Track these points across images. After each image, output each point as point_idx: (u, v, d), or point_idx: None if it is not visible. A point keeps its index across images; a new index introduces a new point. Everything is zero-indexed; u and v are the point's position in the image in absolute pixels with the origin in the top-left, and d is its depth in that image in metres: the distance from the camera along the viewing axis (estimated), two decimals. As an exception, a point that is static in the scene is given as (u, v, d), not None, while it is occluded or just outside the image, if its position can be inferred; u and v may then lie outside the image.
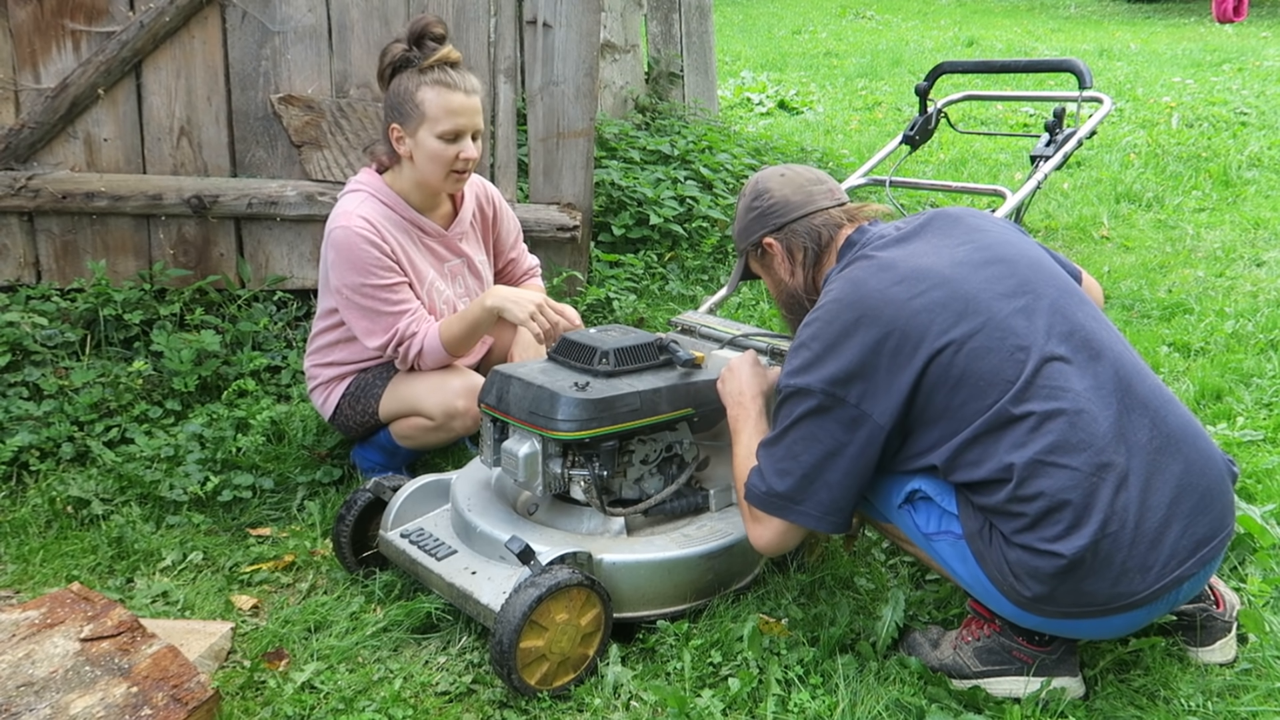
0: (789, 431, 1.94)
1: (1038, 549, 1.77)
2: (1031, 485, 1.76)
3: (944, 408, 1.85)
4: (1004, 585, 1.83)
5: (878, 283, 1.93)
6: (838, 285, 2.00)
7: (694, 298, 4.09)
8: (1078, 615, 1.82)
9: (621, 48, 5.52)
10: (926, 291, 1.89)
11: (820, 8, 16.54)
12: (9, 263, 3.49)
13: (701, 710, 1.94)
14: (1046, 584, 1.78)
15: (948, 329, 1.85)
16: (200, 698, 1.86)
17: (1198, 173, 6.28)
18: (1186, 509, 1.80)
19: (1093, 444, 1.77)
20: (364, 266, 2.62)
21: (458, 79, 2.61)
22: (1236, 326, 3.87)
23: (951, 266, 1.93)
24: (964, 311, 1.86)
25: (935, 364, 1.84)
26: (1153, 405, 1.85)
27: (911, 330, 1.86)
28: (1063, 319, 1.88)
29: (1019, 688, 1.99)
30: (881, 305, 1.90)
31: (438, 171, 2.65)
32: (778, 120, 8.32)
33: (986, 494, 1.83)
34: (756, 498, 1.98)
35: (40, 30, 3.38)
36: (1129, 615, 1.81)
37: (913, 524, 1.97)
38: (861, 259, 2.03)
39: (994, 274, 1.92)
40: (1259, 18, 13.60)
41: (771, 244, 2.19)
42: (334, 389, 2.84)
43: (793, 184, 2.20)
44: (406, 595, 2.37)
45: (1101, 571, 1.75)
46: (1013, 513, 1.79)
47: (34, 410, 3.03)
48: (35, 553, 2.59)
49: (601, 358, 2.30)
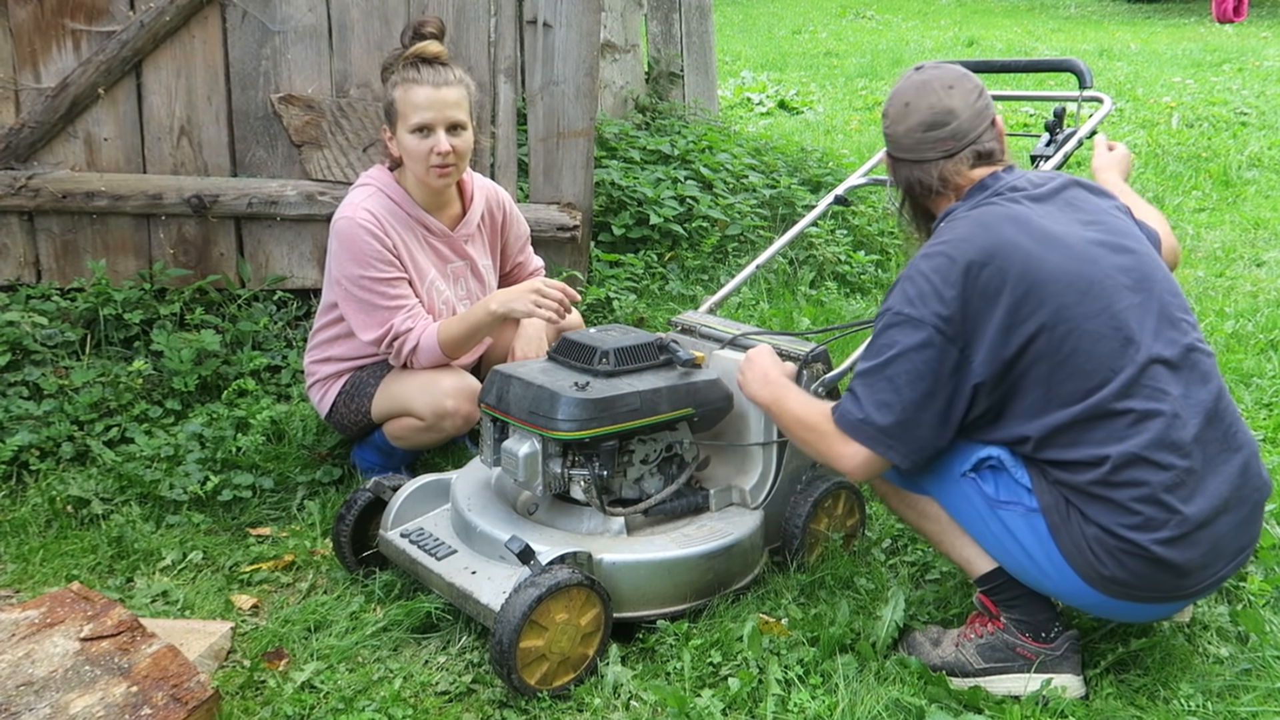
0: (892, 363, 1.90)
1: (1119, 534, 1.82)
2: (1123, 475, 1.81)
3: (1044, 380, 1.86)
4: (1079, 560, 1.86)
5: (1010, 233, 1.91)
6: (966, 224, 1.96)
7: (694, 298, 4.09)
8: (1140, 599, 1.87)
9: (621, 48, 5.52)
10: (1056, 259, 1.89)
11: (820, 8, 16.54)
12: (9, 262, 3.49)
13: (701, 710, 1.94)
14: (1125, 567, 1.83)
15: (1069, 303, 1.86)
16: (200, 697, 1.86)
17: (1198, 173, 6.28)
18: (1239, 519, 1.89)
19: (1182, 447, 1.83)
20: (363, 258, 2.62)
21: (427, 74, 2.62)
22: (1236, 326, 3.87)
23: (1082, 244, 1.93)
24: (1087, 291, 1.87)
25: (1048, 333, 1.85)
26: (1226, 419, 1.92)
27: (1034, 291, 1.86)
28: (1169, 324, 1.91)
29: (1021, 685, 1.99)
30: (1011, 256, 1.88)
31: (420, 168, 2.67)
32: (778, 120, 8.32)
33: (1071, 473, 1.86)
34: (851, 424, 1.95)
35: (40, 30, 3.38)
36: (1177, 604, 1.92)
37: (975, 492, 1.95)
38: (993, 204, 1.99)
39: (1119, 263, 1.93)
40: (1259, 18, 13.60)
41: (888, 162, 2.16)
42: (330, 387, 2.84)
43: (905, 124, 2.06)
44: (406, 595, 2.37)
45: (1175, 564, 1.82)
46: (1097, 495, 1.84)
47: (34, 410, 3.03)
48: (35, 552, 2.59)
49: (601, 358, 2.30)
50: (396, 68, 2.65)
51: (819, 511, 2.44)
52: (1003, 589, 2.03)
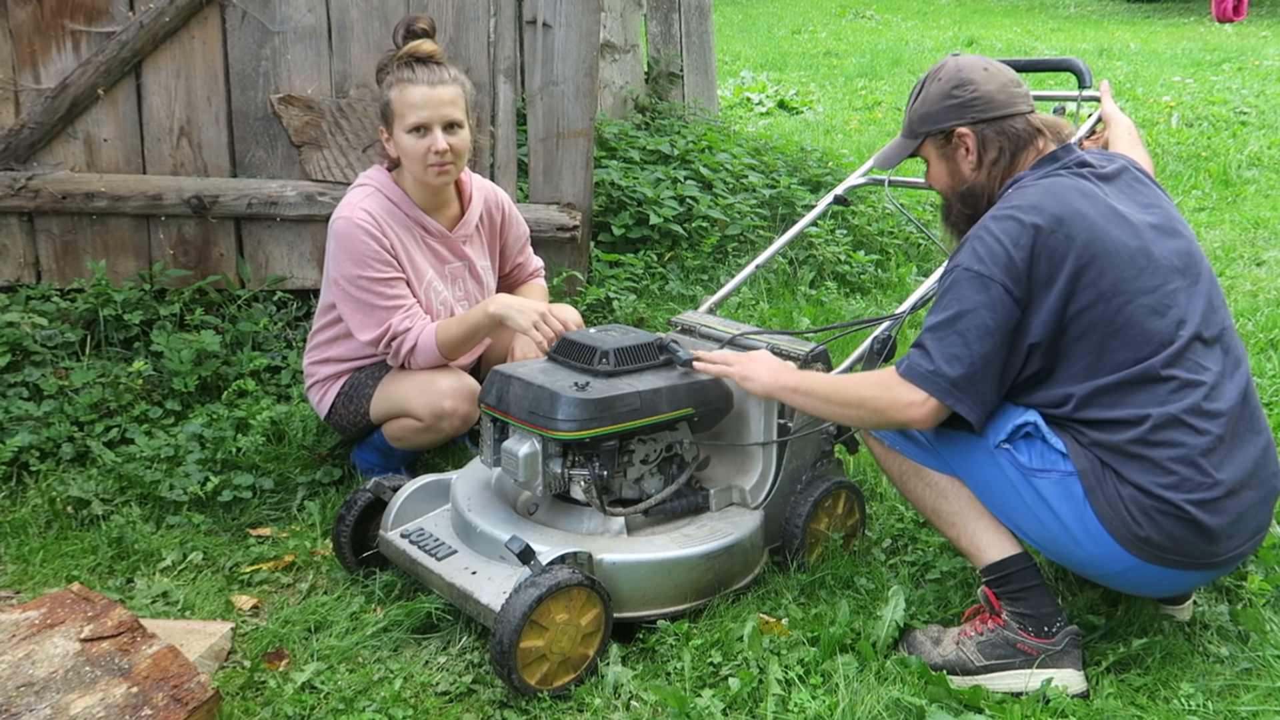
0: (962, 317, 1.94)
1: (1155, 494, 1.88)
2: (1162, 435, 1.88)
3: (1096, 347, 1.93)
4: (1115, 521, 1.90)
5: (1081, 204, 1.98)
6: (1036, 191, 2.02)
7: (694, 298, 4.09)
8: (1170, 563, 1.91)
9: (621, 48, 5.52)
10: (1119, 235, 1.97)
11: (820, 8, 16.54)
12: (9, 263, 3.49)
13: (701, 710, 1.94)
14: (1160, 528, 1.88)
15: (1127, 277, 1.94)
16: (200, 698, 1.86)
17: (1197, 172, 6.28)
18: (1259, 498, 1.98)
19: (1218, 416, 1.92)
20: (361, 258, 2.62)
21: (421, 73, 2.63)
22: (1236, 326, 3.87)
23: (1143, 225, 2.01)
24: (1145, 268, 1.96)
25: (1104, 303, 1.93)
26: (1253, 401, 2.03)
27: (1096, 261, 1.93)
28: (1210, 306, 2.02)
29: (1022, 682, 1.99)
30: (1078, 225, 1.95)
31: (417, 167, 2.67)
32: (777, 120, 8.32)
33: (1109, 432, 1.92)
34: (922, 375, 1.96)
35: (40, 30, 3.38)
36: (1202, 574, 1.97)
37: (1009, 463, 1.97)
38: (1063, 175, 2.06)
39: (1173, 247, 2.02)
40: (1259, 17, 13.60)
41: (966, 134, 2.15)
42: (329, 387, 2.84)
43: (996, 81, 2.16)
44: (406, 595, 2.37)
45: (1207, 528, 1.88)
46: (1135, 455, 1.89)
47: (34, 410, 3.03)
48: (35, 553, 2.59)
49: (601, 358, 2.30)
50: (391, 68, 2.65)
51: (819, 511, 2.44)
52: (1009, 580, 2.03)
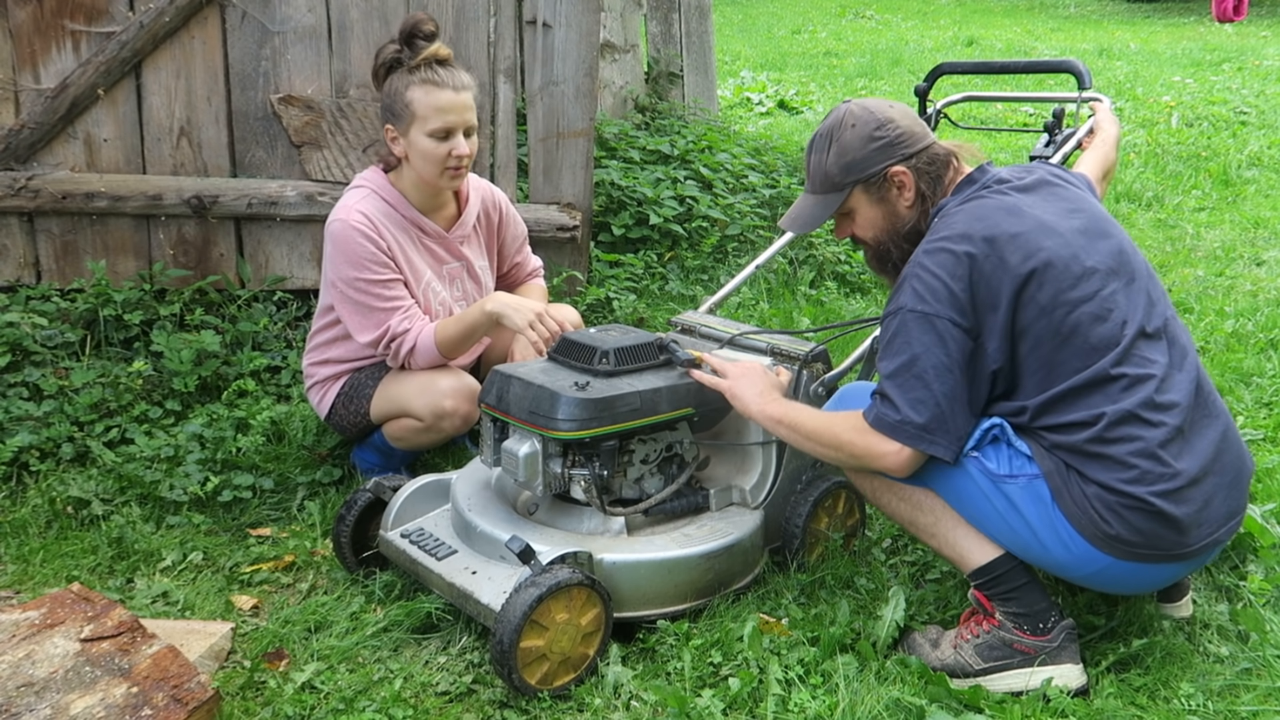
0: (918, 361, 1.94)
1: (1118, 489, 1.88)
2: (1118, 431, 1.89)
3: (1046, 362, 1.94)
4: (1083, 521, 1.90)
5: (1009, 224, 1.97)
6: (962, 217, 2.01)
7: (694, 298, 4.09)
8: (1144, 558, 1.91)
9: (621, 48, 5.52)
10: (1051, 245, 1.96)
11: (820, 8, 16.54)
12: (9, 263, 3.49)
13: (701, 710, 1.94)
14: (1128, 523, 1.88)
15: (1065, 288, 1.93)
16: (200, 698, 1.86)
17: (1197, 172, 6.28)
18: (1225, 483, 1.97)
19: (1170, 408, 1.92)
20: (358, 261, 2.62)
21: (446, 76, 2.62)
22: (1236, 326, 3.87)
23: (1071, 232, 2.00)
24: (1082, 275, 1.95)
25: (1047, 317, 1.93)
26: (1205, 388, 2.02)
27: (1035, 276, 1.93)
28: (1150, 301, 2.01)
29: (1022, 681, 1.99)
30: (1010, 245, 1.94)
31: (432, 170, 2.66)
32: (777, 120, 8.32)
33: (1067, 434, 1.92)
34: (890, 426, 1.96)
35: (40, 30, 3.38)
36: (1179, 565, 1.96)
37: (978, 471, 1.97)
38: (985, 196, 2.06)
39: (1105, 249, 2.02)
40: (1259, 17, 13.60)
41: (902, 173, 2.12)
42: (329, 388, 2.84)
43: (908, 115, 2.16)
44: (406, 595, 2.37)
45: (1174, 518, 1.89)
46: (1094, 454, 1.90)
47: (34, 410, 3.03)
48: (35, 553, 2.59)
49: (601, 357, 2.30)
50: (407, 66, 2.62)
51: (819, 511, 2.44)
52: (998, 582, 2.03)
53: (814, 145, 2.18)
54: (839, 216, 2.21)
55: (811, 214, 2.20)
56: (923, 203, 2.14)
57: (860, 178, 2.13)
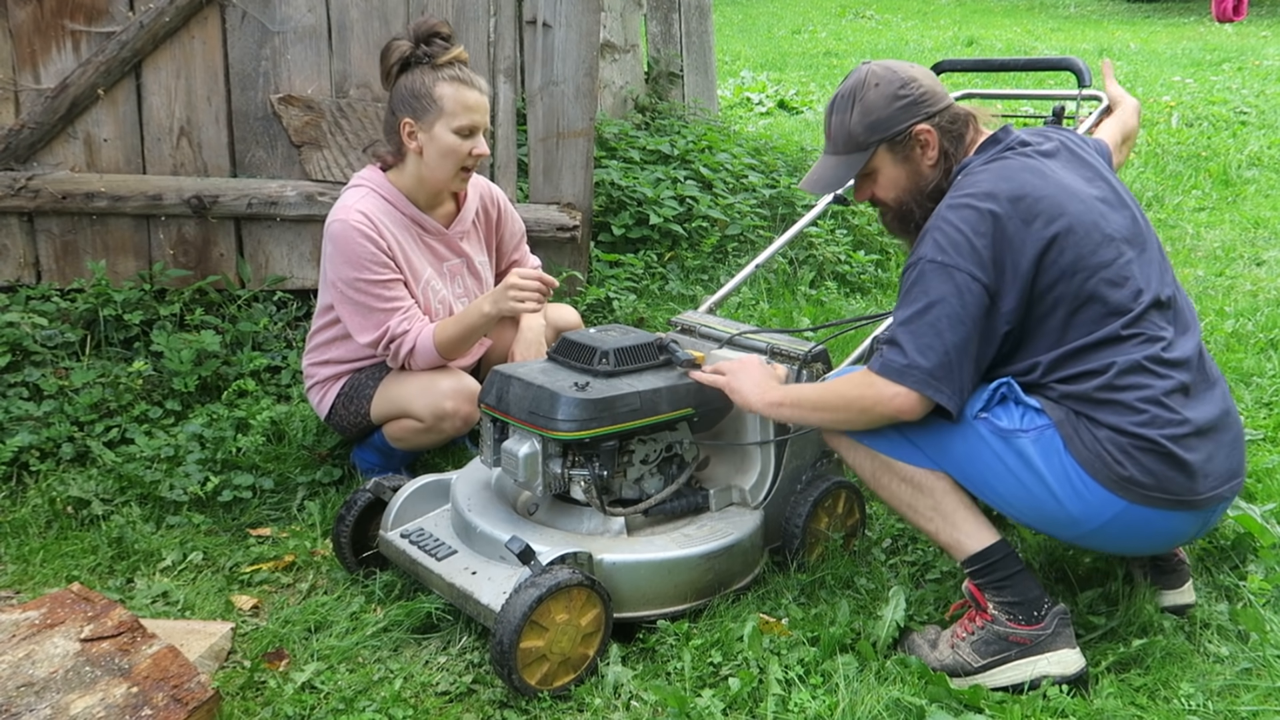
0: (931, 309, 1.95)
1: (1130, 431, 1.91)
2: (1127, 379, 1.93)
3: (1062, 324, 1.97)
4: (1097, 465, 1.92)
5: (1035, 186, 1.99)
6: (988, 176, 2.02)
7: (694, 298, 4.09)
8: (1156, 503, 1.92)
9: (621, 48, 5.52)
10: (1076, 210, 1.98)
11: (820, 7, 16.54)
12: (9, 263, 3.49)
13: (701, 710, 1.94)
14: (1141, 465, 1.91)
15: (1085, 253, 1.96)
16: (200, 698, 1.86)
17: (1197, 172, 6.28)
18: (1227, 441, 2.01)
19: (1181, 365, 1.97)
20: (359, 261, 2.62)
21: (472, 77, 2.66)
22: (1236, 326, 3.87)
23: (1091, 199, 2.03)
24: (1102, 242, 1.98)
25: (1067, 280, 1.95)
26: (1205, 356, 2.08)
27: (1058, 239, 1.95)
28: (1159, 272, 2.05)
29: (1023, 673, 1.99)
30: (1035, 206, 1.96)
31: (449, 166, 2.67)
32: (778, 120, 8.32)
33: (1076, 383, 1.95)
34: (897, 370, 1.96)
35: (40, 30, 3.38)
36: (1185, 516, 1.96)
37: (989, 430, 1.98)
38: (1010, 157, 2.06)
39: (1122, 219, 2.05)
40: (1259, 17, 13.60)
41: (927, 131, 2.11)
42: (329, 389, 2.84)
43: (929, 75, 2.15)
44: (406, 595, 2.37)
45: (1185, 462, 1.92)
46: (1103, 400, 1.93)
47: (34, 410, 3.03)
48: (35, 553, 2.59)
49: (601, 358, 2.30)
50: (432, 64, 2.62)
51: (819, 511, 2.44)
52: (992, 569, 2.03)
53: (835, 105, 2.17)
54: (860, 178, 2.20)
55: (834, 175, 2.19)
56: (945, 161, 2.14)
57: (885, 136, 2.12)
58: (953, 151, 2.14)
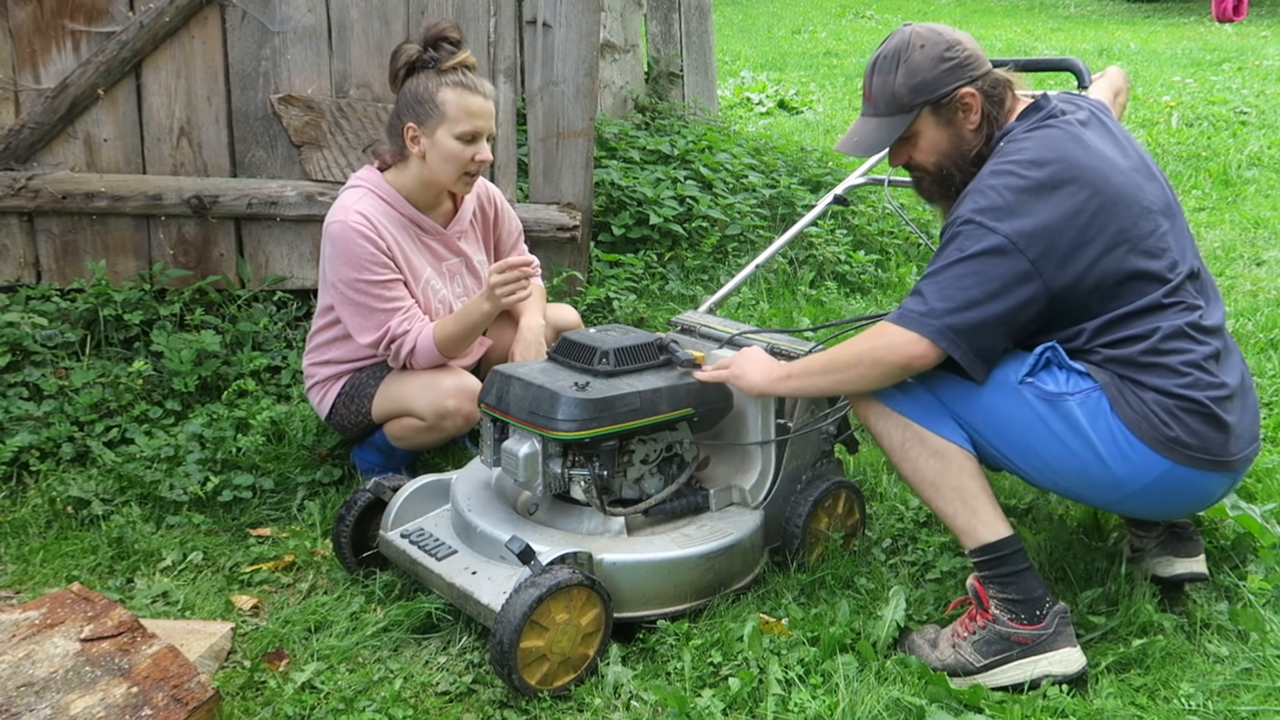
0: (959, 264, 1.95)
1: (1175, 393, 1.95)
2: (1170, 344, 1.96)
3: (1108, 293, 1.98)
4: (1144, 426, 1.95)
5: (1080, 156, 2.00)
6: (1033, 145, 2.02)
7: (694, 298, 4.09)
8: (1196, 463, 1.96)
9: (621, 48, 5.52)
10: (1119, 181, 2.00)
11: (820, 8, 16.54)
12: (9, 263, 3.49)
13: (701, 710, 1.94)
14: (1186, 425, 1.94)
15: (1127, 225, 1.98)
16: (200, 698, 1.86)
17: (1197, 172, 6.28)
18: (1249, 405, 2.08)
19: (1215, 332, 2.03)
20: (358, 262, 2.62)
21: (477, 82, 2.65)
22: (1236, 326, 3.87)
23: (1128, 170, 2.04)
24: (1141, 214, 2.01)
25: (1111, 253, 1.97)
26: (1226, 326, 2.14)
27: (1102, 211, 1.97)
28: (1191, 244, 2.10)
29: (1024, 672, 1.99)
30: (1081, 177, 1.97)
31: (451, 172, 2.67)
32: (778, 120, 8.32)
33: (1121, 348, 1.98)
34: (913, 317, 1.95)
35: (40, 30, 3.38)
36: (1219, 477, 2.01)
37: (1035, 395, 1.98)
38: (1054, 126, 2.06)
39: (1155, 190, 2.07)
40: (1259, 17, 13.60)
41: (971, 94, 2.10)
42: (330, 388, 2.84)
43: (971, 38, 2.14)
44: (406, 595, 2.37)
45: (1225, 422, 1.97)
46: (1148, 364, 1.96)
47: (34, 410, 3.03)
48: (35, 553, 2.59)
49: (601, 358, 2.30)
50: (438, 68, 2.62)
51: (819, 511, 2.44)
52: (1002, 562, 2.03)
53: (877, 66, 2.13)
54: (899, 141, 2.15)
55: (876, 137, 2.14)
56: (987, 126, 2.13)
57: (930, 99, 2.09)
58: (995, 116, 2.13)
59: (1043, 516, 2.63)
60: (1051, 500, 2.68)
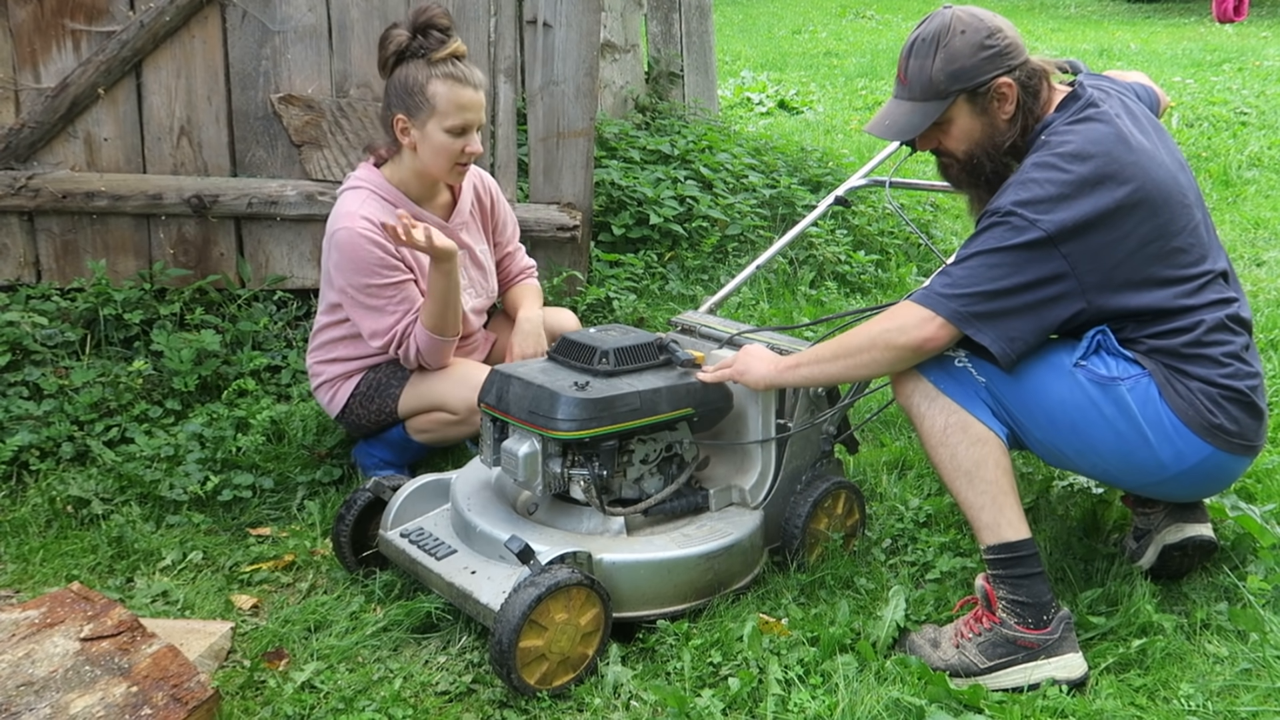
0: (991, 252, 1.95)
1: (1219, 382, 2.00)
2: (1212, 336, 2.02)
3: (1150, 286, 2.01)
4: (1190, 413, 2.00)
5: (1121, 151, 2.00)
6: (1075, 138, 2.01)
7: (694, 298, 4.09)
8: (1236, 449, 2.03)
9: (621, 47, 5.52)
10: (1158, 176, 2.01)
11: (820, 8, 16.53)
12: (9, 262, 3.49)
13: (701, 710, 1.94)
14: (1229, 414, 2.01)
15: (1165, 220, 2.01)
16: (200, 697, 1.86)
17: (1198, 172, 6.28)
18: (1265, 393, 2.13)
19: (1248, 326, 2.10)
20: (368, 267, 2.62)
21: (468, 73, 2.63)
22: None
23: (1166, 164, 2.06)
24: (1180, 209, 2.03)
25: (1148, 246, 1.98)
26: None
27: (1141, 205, 1.98)
28: (1216, 238, 2.13)
29: (1029, 676, 2.00)
30: (1122, 173, 1.98)
31: (443, 164, 2.66)
32: (778, 120, 8.32)
33: (1166, 339, 2.02)
34: (935, 298, 1.95)
35: (40, 30, 3.38)
36: (1245, 460, 2.09)
37: (1088, 379, 2.00)
38: (1094, 118, 2.05)
39: (1186, 181, 2.10)
40: (1259, 18, 13.60)
41: (1008, 84, 2.08)
42: (340, 387, 2.83)
43: (1011, 25, 2.12)
44: (406, 595, 2.37)
45: (1260, 410, 2.06)
46: (1192, 355, 2.01)
47: (34, 410, 3.03)
48: (35, 552, 2.59)
49: (601, 357, 2.30)
50: (428, 59, 2.60)
51: (819, 511, 2.44)
52: (1018, 564, 2.03)
53: (915, 49, 2.11)
54: (930, 126, 2.13)
55: (909, 121, 2.12)
56: (1021, 117, 2.11)
57: (967, 86, 2.07)
58: (1030, 107, 2.11)
59: (1042, 516, 2.63)
60: (1052, 500, 2.68)
